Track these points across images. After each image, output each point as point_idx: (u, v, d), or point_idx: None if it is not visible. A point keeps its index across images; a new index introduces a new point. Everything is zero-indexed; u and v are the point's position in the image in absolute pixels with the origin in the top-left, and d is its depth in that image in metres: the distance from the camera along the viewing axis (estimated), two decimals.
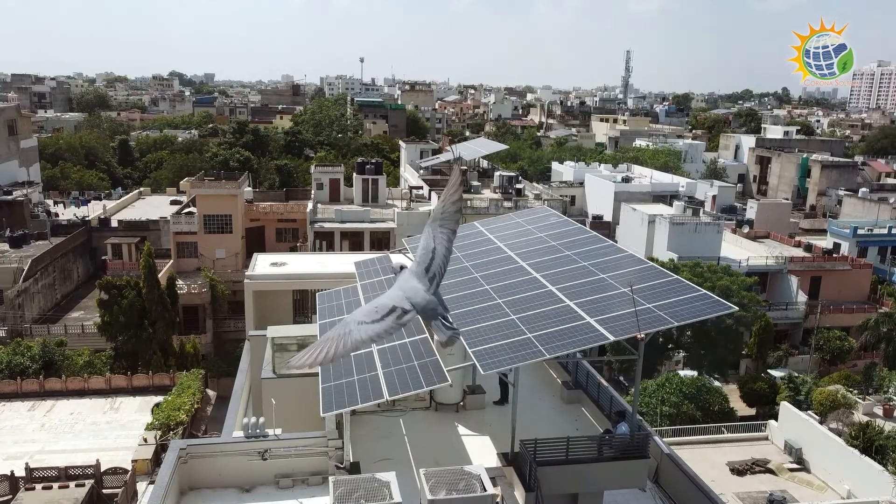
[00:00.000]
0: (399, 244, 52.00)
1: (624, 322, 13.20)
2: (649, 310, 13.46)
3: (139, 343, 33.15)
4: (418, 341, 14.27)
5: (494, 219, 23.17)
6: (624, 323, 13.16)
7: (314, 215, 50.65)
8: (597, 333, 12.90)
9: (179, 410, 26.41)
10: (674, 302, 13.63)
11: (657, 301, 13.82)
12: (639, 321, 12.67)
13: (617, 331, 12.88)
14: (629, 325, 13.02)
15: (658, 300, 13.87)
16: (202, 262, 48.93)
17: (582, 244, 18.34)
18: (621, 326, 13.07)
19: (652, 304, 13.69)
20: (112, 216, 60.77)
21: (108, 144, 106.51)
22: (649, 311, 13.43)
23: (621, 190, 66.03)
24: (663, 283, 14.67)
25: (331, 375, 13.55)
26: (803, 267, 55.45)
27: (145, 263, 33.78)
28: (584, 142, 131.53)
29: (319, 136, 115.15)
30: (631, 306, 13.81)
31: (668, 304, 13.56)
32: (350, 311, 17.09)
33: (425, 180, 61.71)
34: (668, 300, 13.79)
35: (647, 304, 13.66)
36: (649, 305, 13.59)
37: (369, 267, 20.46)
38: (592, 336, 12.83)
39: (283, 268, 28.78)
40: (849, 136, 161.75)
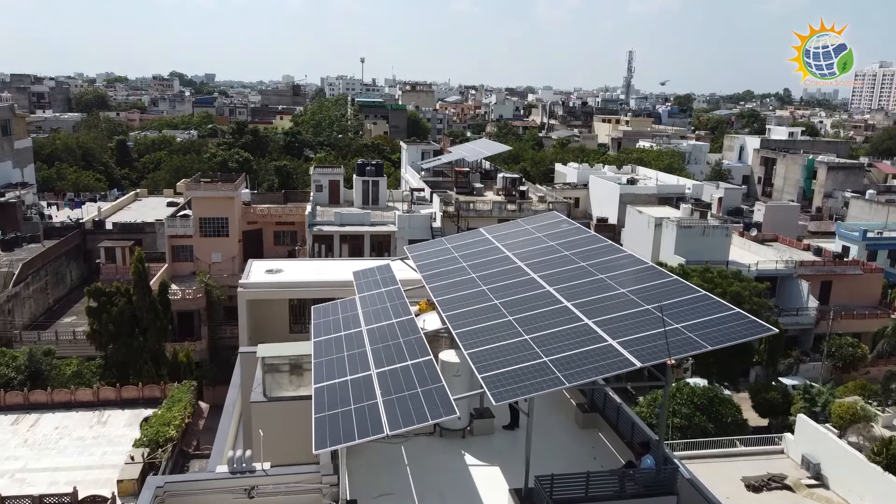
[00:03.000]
0: (400, 248, 50.78)
1: (651, 345, 11.90)
2: (678, 331, 12.16)
3: (130, 352, 31.85)
4: (422, 364, 12.98)
5: (501, 225, 21.87)
6: (651, 346, 11.86)
7: (313, 218, 49.35)
8: (621, 359, 11.59)
9: (169, 426, 25.08)
10: (705, 322, 12.32)
11: (686, 320, 12.51)
12: (668, 345, 11.37)
13: (643, 355, 11.57)
14: (657, 348, 11.72)
15: (687, 319, 12.57)
16: (198, 266, 47.65)
17: (597, 254, 17.04)
18: (648, 350, 11.76)
19: (680, 323, 12.39)
20: (107, 218, 59.49)
21: (105, 145, 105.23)
22: (678, 332, 12.13)
23: (626, 192, 64.72)
24: (691, 300, 13.36)
25: (325, 403, 12.24)
26: (813, 271, 54.18)
27: (136, 269, 32.47)
28: (587, 143, 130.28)
29: (319, 137, 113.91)
30: (656, 326, 12.51)
31: (698, 325, 12.25)
32: (348, 328, 15.81)
33: (427, 182, 60.44)
34: (699, 319, 12.49)
35: (676, 323, 12.36)
36: (678, 326, 12.29)
37: (368, 277, 19.17)
38: (616, 362, 11.52)
39: (279, 275, 27.48)
40: (852, 137, 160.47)
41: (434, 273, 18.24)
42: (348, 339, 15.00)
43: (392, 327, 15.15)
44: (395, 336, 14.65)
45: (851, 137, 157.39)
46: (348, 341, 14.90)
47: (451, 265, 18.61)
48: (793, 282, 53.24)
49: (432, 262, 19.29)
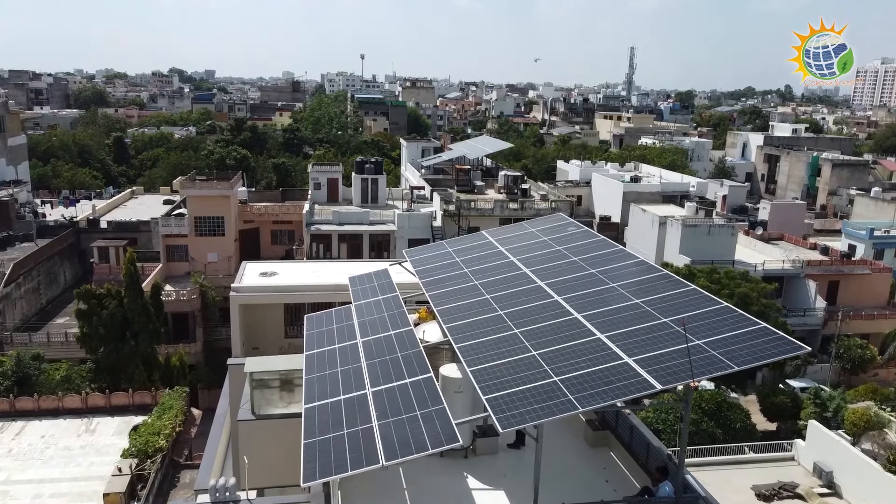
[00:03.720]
0: (400, 247, 49.78)
1: (671, 364, 10.90)
2: (699, 348, 11.17)
3: (121, 356, 30.86)
4: (421, 383, 11.99)
5: (505, 228, 20.88)
6: (671, 366, 10.86)
7: (311, 217, 48.33)
8: (640, 380, 10.60)
9: (159, 435, 24.12)
10: (729, 338, 11.33)
11: (708, 336, 11.52)
12: (692, 366, 10.38)
13: (663, 376, 10.57)
14: (678, 368, 10.73)
15: (709, 334, 11.57)
16: (193, 267, 46.67)
17: (608, 260, 16.05)
18: (668, 370, 10.77)
19: (702, 339, 11.40)
20: (102, 217, 58.47)
21: (103, 142, 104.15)
22: (699, 349, 11.14)
23: (630, 190, 63.67)
24: (712, 313, 12.36)
25: (316, 427, 11.25)
26: (821, 271, 53.15)
27: (127, 271, 31.48)
28: (588, 139, 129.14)
29: (319, 134, 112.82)
30: (675, 341, 11.53)
31: (722, 341, 11.26)
32: (342, 339, 14.84)
33: (427, 180, 59.42)
34: (722, 335, 11.49)
35: (697, 339, 11.36)
36: (700, 342, 11.29)
37: (365, 284, 18.17)
38: (634, 384, 10.52)
39: (274, 279, 26.47)
40: (855, 133, 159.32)
41: (434, 280, 17.25)
42: (342, 353, 14.01)
43: (389, 339, 14.17)
44: (393, 349, 13.67)
45: (854, 134, 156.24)
46: (342, 355, 13.92)
47: (452, 271, 17.62)
48: (800, 282, 52.22)
49: (432, 267, 18.31)
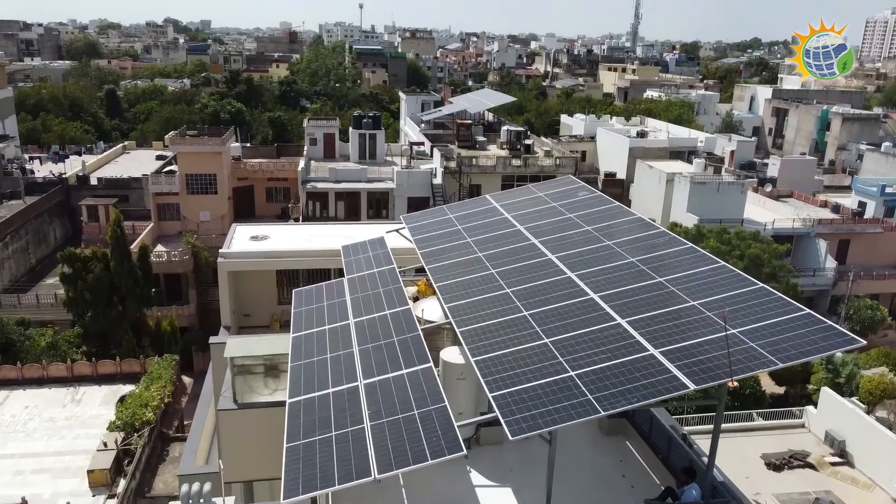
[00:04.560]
0: (399, 206, 48.25)
1: (703, 358, 9.55)
2: (737, 338, 9.80)
3: (108, 322, 29.67)
4: (420, 375, 10.67)
5: (511, 192, 19.36)
6: (704, 360, 9.51)
7: (306, 174, 46.65)
8: (668, 377, 9.26)
9: (146, 407, 23.10)
10: (769, 327, 9.95)
11: (744, 323, 10.14)
12: (731, 362, 9.03)
13: (697, 373, 9.23)
14: (712, 363, 9.38)
15: (745, 322, 10.19)
16: (185, 226, 45.23)
17: (624, 231, 14.61)
18: (700, 364, 9.41)
19: (739, 328, 10.03)
20: (92, 173, 56.75)
21: (95, 95, 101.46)
22: (737, 340, 9.78)
23: (636, 146, 61.75)
24: (747, 295, 10.96)
25: (300, 426, 9.97)
26: (832, 230, 51.74)
27: (113, 233, 30.04)
28: (592, 92, 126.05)
29: (316, 87, 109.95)
30: (707, 329, 10.18)
31: (761, 331, 9.89)
32: (333, 319, 13.49)
33: (427, 135, 57.50)
34: (760, 323, 10.11)
35: (733, 328, 10.00)
36: (736, 331, 9.92)
37: (359, 254, 16.75)
38: (663, 382, 9.18)
39: (265, 243, 25.07)
40: (863, 86, 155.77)
41: (434, 250, 15.83)
42: (333, 336, 12.69)
43: (385, 320, 12.83)
44: (389, 332, 12.34)
45: (863, 87, 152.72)
46: (332, 338, 12.60)
47: (453, 240, 16.19)
48: (810, 241, 50.86)
49: (432, 235, 16.87)
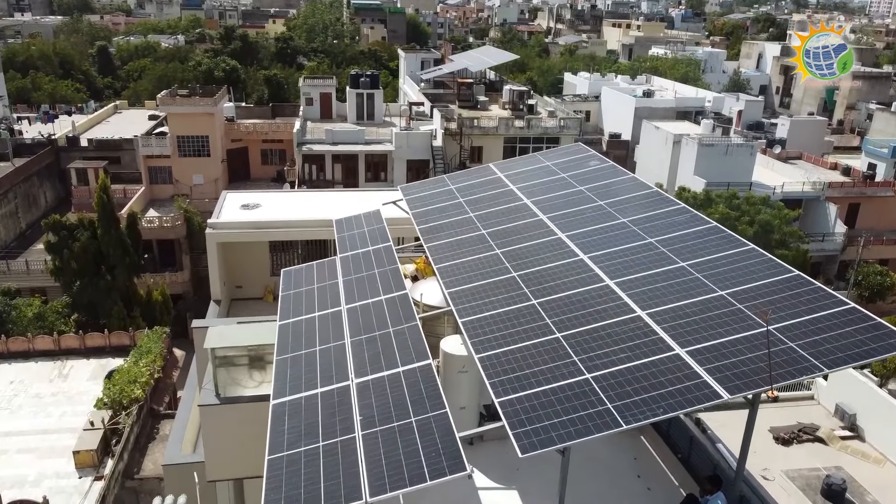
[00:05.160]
0: (398, 168, 46.91)
1: (736, 360, 8.48)
2: (774, 338, 8.71)
3: (96, 292, 28.65)
4: (418, 374, 9.62)
5: (516, 161, 18.10)
6: (737, 362, 8.44)
7: (302, 136, 45.17)
8: (698, 383, 8.19)
9: (135, 383, 22.21)
10: (810, 323, 8.87)
11: (784, 318, 9.05)
12: (771, 367, 7.96)
13: (730, 379, 8.16)
14: (747, 368, 8.31)
15: (784, 316, 9.10)
16: (178, 189, 43.95)
17: (640, 206, 13.43)
18: (733, 368, 8.34)
19: (774, 324, 8.93)
20: (82, 134, 55.17)
21: (86, 52, 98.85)
22: (774, 338, 8.69)
23: (642, 105, 59.97)
24: (782, 284, 9.86)
25: (284, 436, 8.94)
26: (842, 193, 50.45)
27: (99, 200, 28.82)
28: (596, 49, 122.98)
29: (313, 43, 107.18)
30: (738, 325, 9.10)
31: (802, 328, 8.81)
32: (324, 305, 12.40)
33: (426, 95, 55.74)
34: (800, 318, 9.03)
35: (770, 325, 8.90)
36: (772, 328, 8.83)
37: (353, 230, 15.58)
38: (692, 389, 8.11)
39: (257, 212, 23.85)
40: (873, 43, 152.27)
41: (434, 226, 14.68)
42: (323, 324, 11.62)
43: (380, 307, 11.74)
44: (384, 322, 11.26)
45: (872, 44, 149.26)
46: (322, 327, 11.53)
47: (454, 215, 15.02)
48: (820, 205, 49.63)
49: (432, 209, 15.69)
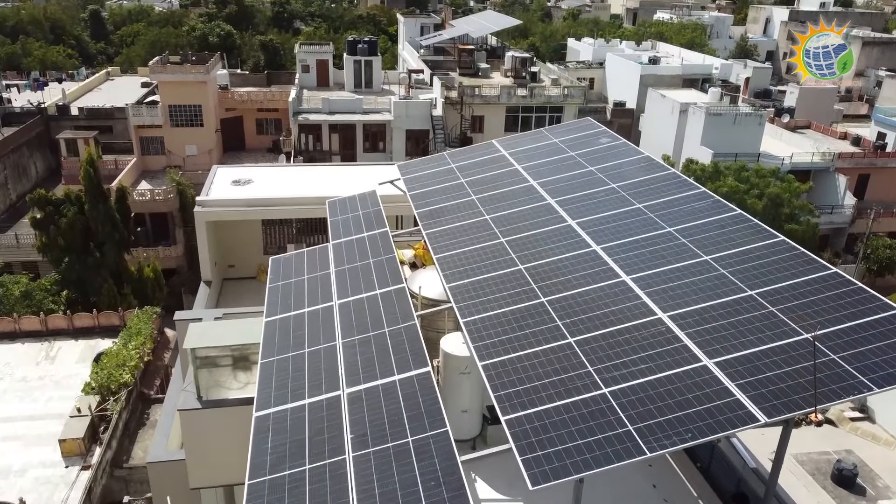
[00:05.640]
0: (397, 138, 45.62)
1: (773, 376, 7.54)
2: (815, 348, 7.76)
3: (85, 270, 27.73)
4: (416, 384, 8.69)
5: (522, 137, 16.97)
6: (773, 378, 7.50)
7: (298, 105, 43.82)
8: (730, 402, 7.26)
9: (124, 367, 21.40)
10: (855, 331, 7.91)
11: (825, 325, 8.09)
12: (816, 386, 7.03)
13: (767, 399, 7.22)
14: (783, 383, 7.38)
15: (824, 323, 8.15)
16: (171, 161, 42.74)
17: (656, 190, 12.40)
18: (769, 385, 7.41)
19: (814, 331, 7.98)
20: (72, 102, 53.73)
21: (78, 16, 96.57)
22: (814, 349, 7.74)
23: (648, 73, 58.36)
24: (820, 284, 8.88)
25: (266, 455, 8.05)
26: (852, 164, 49.22)
27: (86, 174, 27.72)
28: (600, 13, 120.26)
29: (311, 7, 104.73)
30: (773, 332, 8.16)
31: (846, 337, 7.86)
32: (314, 300, 11.46)
33: (426, 62, 54.14)
34: (843, 325, 8.07)
35: (809, 333, 7.96)
36: (809, 337, 7.88)
37: (347, 212, 14.56)
38: (723, 408, 7.17)
39: (248, 189, 22.78)
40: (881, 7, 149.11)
41: (434, 209, 13.67)
42: (313, 322, 10.68)
43: (375, 304, 10.79)
44: (379, 321, 10.32)
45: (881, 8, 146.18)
46: (312, 325, 10.59)
47: (456, 197, 14.00)
48: (829, 176, 48.45)
49: (432, 190, 14.66)
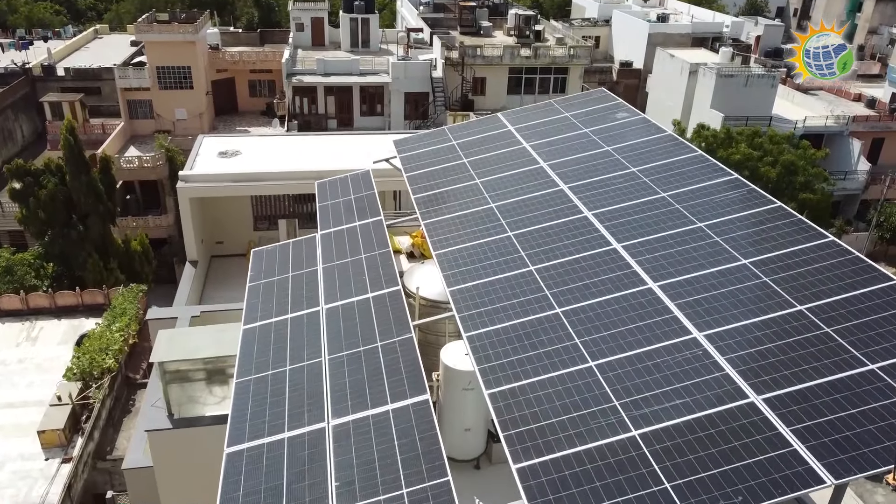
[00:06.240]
0: (395, 101, 43.86)
1: (836, 421, 6.33)
2: (879, 380, 6.55)
3: (69, 244, 26.46)
4: (409, 410, 7.48)
5: (530, 110, 15.49)
6: (837, 424, 6.29)
7: (291, 66, 41.97)
8: (787, 452, 6.06)
9: (107, 352, 20.28)
10: None
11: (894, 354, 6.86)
12: None
13: (832, 453, 6.01)
14: (853, 431, 6.18)
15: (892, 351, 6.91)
16: (159, 125, 41.08)
17: (686, 178, 11.05)
18: (832, 433, 6.21)
19: (879, 360, 6.75)
20: (59, 62, 51.72)
21: None
22: (882, 384, 6.52)
23: (656, 31, 56.14)
24: (881, 296, 7.62)
25: (238, 500, 6.94)
26: (867, 128, 47.59)
27: (65, 142, 26.23)
28: None
29: None
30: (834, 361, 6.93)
31: None
32: (298, 304, 10.20)
33: (426, 20, 52.01)
34: None
35: (873, 363, 6.73)
36: (875, 368, 6.66)
37: (338, 196, 13.20)
38: (777, 462, 5.98)
39: (236, 161, 21.39)
40: None
41: (434, 195, 12.34)
42: (296, 332, 9.44)
43: (367, 310, 9.53)
44: (371, 332, 9.08)
45: None
46: (296, 335, 9.36)
47: (458, 181, 12.66)
48: (843, 140, 46.84)
49: (431, 171, 13.30)
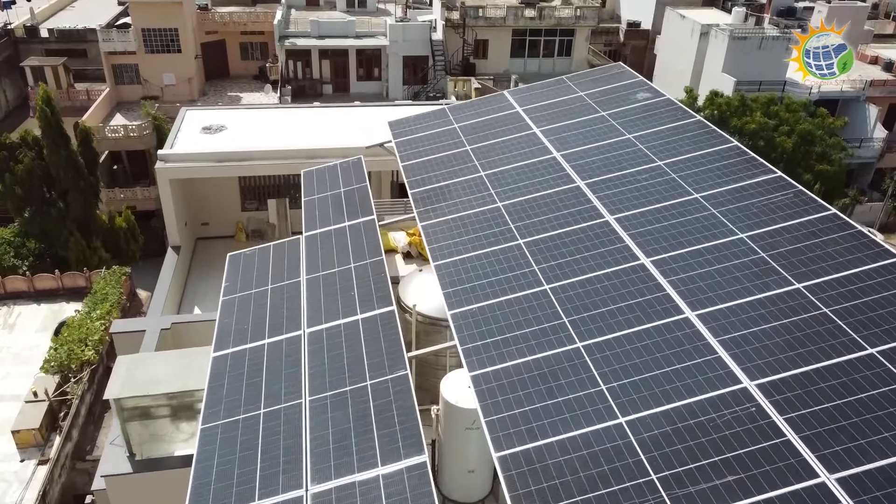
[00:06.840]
0: (393, 64, 41.96)
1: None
2: None
3: (48, 222, 25.09)
4: (403, 475, 6.22)
5: (539, 89, 13.93)
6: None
7: (284, 27, 40.01)
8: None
9: (86, 343, 19.08)
10: None
11: None
12: None
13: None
14: None
15: None
16: (147, 91, 39.30)
17: (720, 172, 9.67)
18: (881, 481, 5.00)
19: None
20: (42, 23, 49.62)
21: None
22: None
23: None
24: None
25: None
26: (884, 93, 45.78)
27: (42, 114, 24.63)
28: None
29: None
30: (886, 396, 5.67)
31: None
32: (277, 327, 8.91)
33: None
34: None
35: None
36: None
37: (326, 190, 11.77)
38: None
39: (221, 137, 19.89)
40: None
41: (433, 189, 10.96)
42: (273, 361, 8.16)
43: (355, 336, 8.24)
44: (360, 366, 7.80)
45: None
46: (273, 367, 8.08)
47: (460, 173, 11.26)
48: (858, 106, 45.13)
49: (430, 160, 11.89)
